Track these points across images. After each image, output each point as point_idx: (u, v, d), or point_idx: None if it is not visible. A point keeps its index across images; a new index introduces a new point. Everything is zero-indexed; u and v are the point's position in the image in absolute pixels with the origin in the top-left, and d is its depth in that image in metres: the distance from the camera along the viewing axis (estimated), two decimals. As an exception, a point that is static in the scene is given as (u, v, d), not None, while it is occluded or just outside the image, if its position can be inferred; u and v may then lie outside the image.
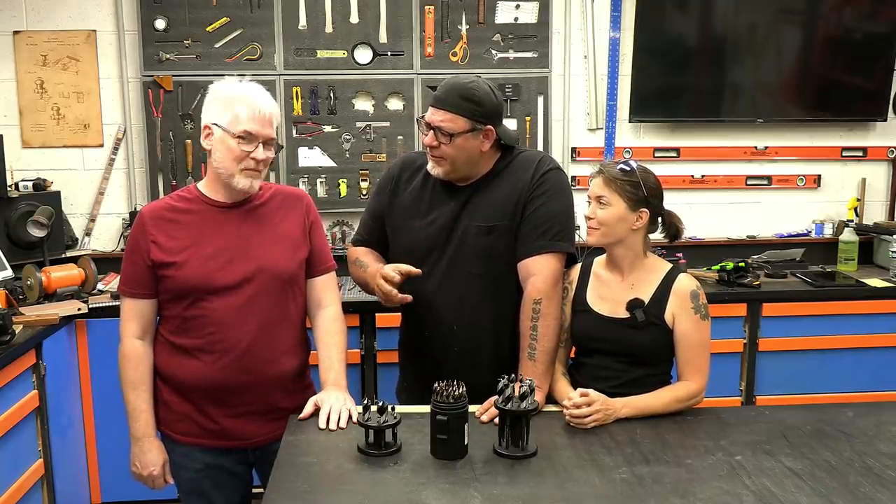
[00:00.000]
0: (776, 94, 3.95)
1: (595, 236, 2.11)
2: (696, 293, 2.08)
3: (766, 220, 4.07)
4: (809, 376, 3.49)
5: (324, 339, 2.15)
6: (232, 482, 2.15)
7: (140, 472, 2.11)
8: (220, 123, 1.98)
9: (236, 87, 2.03)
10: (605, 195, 2.07)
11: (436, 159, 2.15)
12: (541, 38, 3.78)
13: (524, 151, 2.27)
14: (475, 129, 2.11)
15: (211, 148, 2.01)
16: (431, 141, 2.12)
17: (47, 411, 2.87)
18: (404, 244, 2.26)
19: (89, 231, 3.77)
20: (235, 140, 1.97)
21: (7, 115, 3.67)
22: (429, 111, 2.14)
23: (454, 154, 2.12)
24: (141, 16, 3.61)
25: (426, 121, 2.14)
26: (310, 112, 3.73)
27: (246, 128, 1.97)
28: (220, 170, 2.01)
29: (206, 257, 2.01)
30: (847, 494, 1.62)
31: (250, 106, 1.98)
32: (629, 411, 1.98)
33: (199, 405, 2.06)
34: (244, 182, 2.01)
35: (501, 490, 1.64)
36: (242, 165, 1.99)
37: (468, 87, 2.11)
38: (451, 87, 2.12)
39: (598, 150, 3.93)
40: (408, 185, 2.28)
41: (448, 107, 2.09)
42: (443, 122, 2.10)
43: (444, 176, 2.17)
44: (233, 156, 1.98)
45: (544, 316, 2.09)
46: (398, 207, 2.28)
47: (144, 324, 2.08)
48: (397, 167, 2.34)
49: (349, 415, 1.96)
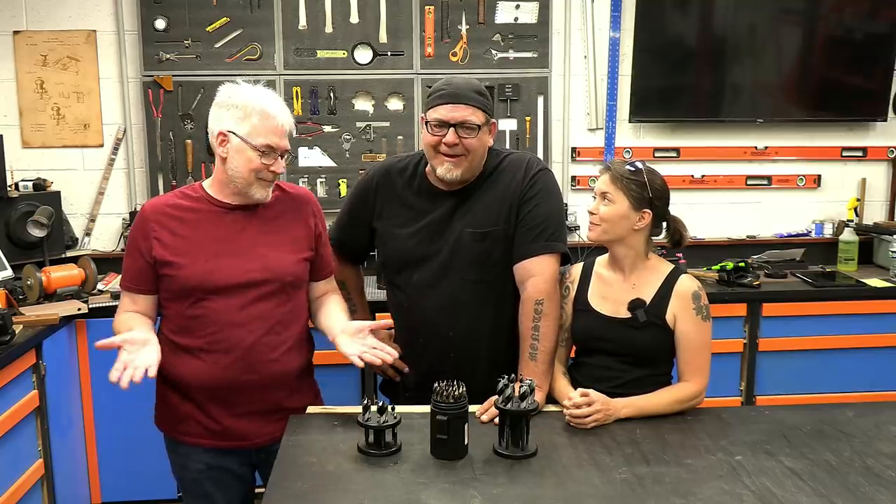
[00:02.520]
0: (776, 94, 3.95)
1: (596, 232, 2.11)
2: (698, 294, 2.08)
3: (766, 220, 4.07)
4: (809, 376, 3.49)
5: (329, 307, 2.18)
6: (234, 483, 2.14)
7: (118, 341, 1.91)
8: (239, 133, 1.96)
9: (254, 96, 1.99)
10: (609, 192, 2.07)
11: (455, 159, 2.10)
12: (541, 38, 3.78)
13: (511, 154, 2.27)
14: (488, 123, 2.13)
15: (227, 156, 1.99)
16: (454, 139, 2.07)
17: (47, 411, 2.87)
18: (396, 252, 2.25)
19: (89, 231, 3.77)
20: (256, 153, 1.96)
21: (7, 115, 3.67)
22: (442, 109, 2.08)
23: (477, 147, 2.11)
24: (141, 16, 3.61)
25: (442, 119, 2.08)
26: (310, 112, 3.73)
27: (267, 142, 1.96)
28: (236, 179, 2.00)
29: (209, 257, 2.01)
30: (847, 494, 1.62)
31: (270, 119, 1.97)
32: (629, 411, 1.98)
33: (202, 405, 2.05)
34: (261, 193, 2.02)
35: (501, 490, 1.64)
36: (260, 176, 1.99)
37: (476, 83, 2.14)
38: (461, 83, 2.12)
39: (598, 150, 3.93)
40: (392, 194, 2.26)
41: (469, 101, 2.08)
42: (468, 116, 2.07)
43: (462, 176, 2.14)
44: (251, 167, 1.97)
45: (546, 316, 2.09)
46: (386, 217, 2.26)
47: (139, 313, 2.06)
48: (373, 178, 2.30)
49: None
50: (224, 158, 2.00)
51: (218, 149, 2.00)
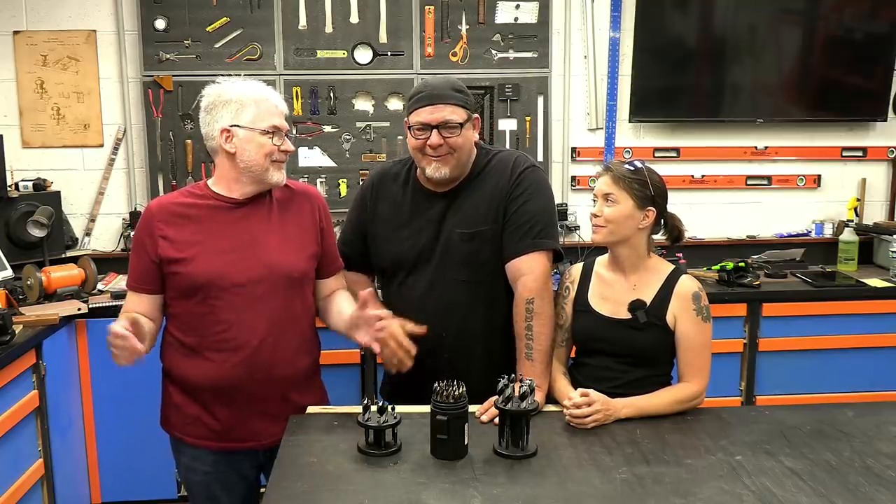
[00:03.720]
0: (776, 94, 3.95)
1: (602, 234, 2.10)
2: (698, 295, 2.08)
3: (766, 220, 4.07)
4: (809, 376, 3.49)
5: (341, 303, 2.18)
6: (241, 485, 2.14)
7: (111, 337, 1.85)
8: (242, 123, 1.98)
9: (242, 87, 2.03)
10: (613, 192, 2.07)
11: (441, 158, 2.11)
12: (541, 38, 3.78)
13: (500, 152, 2.27)
14: (470, 119, 2.14)
15: (236, 150, 2.00)
16: (438, 140, 2.09)
17: (47, 411, 2.87)
18: (390, 255, 2.25)
19: (89, 231, 3.77)
20: (266, 136, 2.00)
21: (7, 115, 3.67)
22: (422, 112, 2.10)
23: (462, 144, 2.12)
24: (141, 16, 3.61)
25: (424, 122, 2.10)
26: (310, 112, 3.73)
27: (274, 122, 2.01)
28: (252, 168, 2.01)
29: (215, 254, 2.00)
30: (847, 494, 1.62)
31: (267, 102, 2.02)
32: (629, 412, 1.98)
33: (208, 406, 2.05)
34: (278, 175, 2.05)
35: (501, 490, 1.64)
36: (274, 158, 2.02)
37: (453, 80, 2.16)
38: (438, 83, 2.13)
39: (598, 150, 3.93)
40: (385, 198, 2.27)
41: (448, 100, 2.09)
42: (448, 116, 2.08)
43: (451, 174, 2.14)
44: (265, 151, 2.00)
45: (538, 315, 2.09)
46: (379, 220, 2.27)
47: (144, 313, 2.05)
48: (374, 179, 2.32)
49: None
50: (233, 154, 2.01)
51: (225, 146, 2.01)
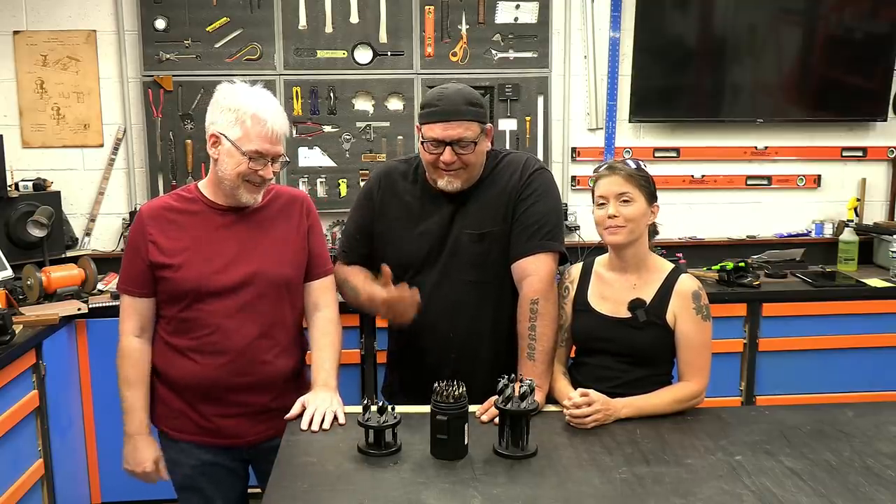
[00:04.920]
0: (776, 94, 3.95)
1: (622, 234, 2.06)
2: (698, 294, 2.08)
3: (766, 220, 4.07)
4: (809, 376, 3.48)
5: (318, 340, 2.15)
6: (228, 478, 2.16)
7: (133, 468, 2.11)
8: (230, 137, 1.96)
9: (248, 99, 1.98)
10: (628, 191, 2.05)
11: (454, 173, 2.10)
12: (541, 38, 3.78)
13: (509, 154, 2.27)
14: (483, 131, 2.12)
15: (217, 157, 1.99)
16: (451, 157, 2.06)
17: (47, 411, 2.87)
18: (397, 255, 2.23)
19: (89, 231, 3.77)
20: (245, 157, 1.96)
21: (7, 115, 3.67)
22: (436, 128, 2.07)
23: (475, 161, 2.12)
24: (141, 16, 3.61)
25: (437, 138, 2.07)
26: (310, 112, 3.73)
27: (257, 148, 1.95)
28: (224, 181, 2.00)
29: (203, 260, 2.01)
30: (847, 494, 1.62)
31: (262, 124, 1.95)
32: (629, 411, 1.98)
33: (193, 404, 2.07)
34: (247, 197, 2.02)
35: (501, 490, 1.64)
36: (247, 179, 1.99)
37: (467, 92, 2.11)
38: (453, 96, 2.09)
39: (598, 150, 3.93)
40: (393, 196, 2.25)
41: (463, 117, 2.07)
42: (463, 133, 2.06)
43: (463, 186, 2.14)
44: (239, 171, 1.97)
45: (542, 316, 2.09)
46: (387, 219, 2.25)
47: (143, 322, 2.08)
48: (378, 179, 2.29)
49: (334, 416, 1.95)
50: (216, 160, 2.01)
51: (210, 150, 2.01)
